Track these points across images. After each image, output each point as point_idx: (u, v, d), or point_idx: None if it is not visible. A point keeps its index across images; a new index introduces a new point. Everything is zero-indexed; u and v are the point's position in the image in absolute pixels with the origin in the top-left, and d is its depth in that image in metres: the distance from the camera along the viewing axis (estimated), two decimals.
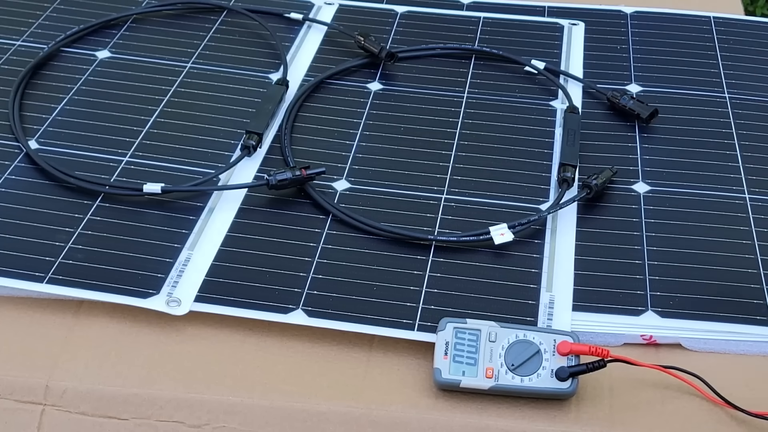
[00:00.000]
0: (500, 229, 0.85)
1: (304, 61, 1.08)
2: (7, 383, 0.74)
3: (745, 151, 0.96)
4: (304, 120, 0.99)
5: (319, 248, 0.84)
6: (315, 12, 1.16)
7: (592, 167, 0.92)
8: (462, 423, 0.72)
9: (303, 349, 0.77)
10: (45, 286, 0.79)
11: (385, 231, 0.85)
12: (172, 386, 0.74)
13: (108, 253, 0.83)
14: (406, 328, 0.77)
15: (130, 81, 1.03)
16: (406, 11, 1.17)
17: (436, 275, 0.82)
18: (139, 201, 0.88)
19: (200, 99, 1.01)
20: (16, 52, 1.07)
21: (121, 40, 1.10)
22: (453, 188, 0.91)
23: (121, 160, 0.93)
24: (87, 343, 0.77)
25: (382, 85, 1.05)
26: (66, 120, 0.97)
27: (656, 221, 0.87)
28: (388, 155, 0.95)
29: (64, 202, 0.88)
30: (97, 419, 0.73)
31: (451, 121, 0.99)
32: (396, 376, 0.75)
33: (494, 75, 1.07)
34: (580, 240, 0.86)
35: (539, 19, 1.16)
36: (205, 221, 0.86)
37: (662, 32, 1.14)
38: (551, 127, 0.99)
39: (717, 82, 1.06)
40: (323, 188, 0.90)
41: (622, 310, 0.79)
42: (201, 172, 0.91)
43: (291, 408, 0.73)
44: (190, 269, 0.81)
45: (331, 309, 0.78)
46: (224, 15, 1.15)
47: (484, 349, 0.73)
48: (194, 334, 0.78)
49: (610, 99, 1.01)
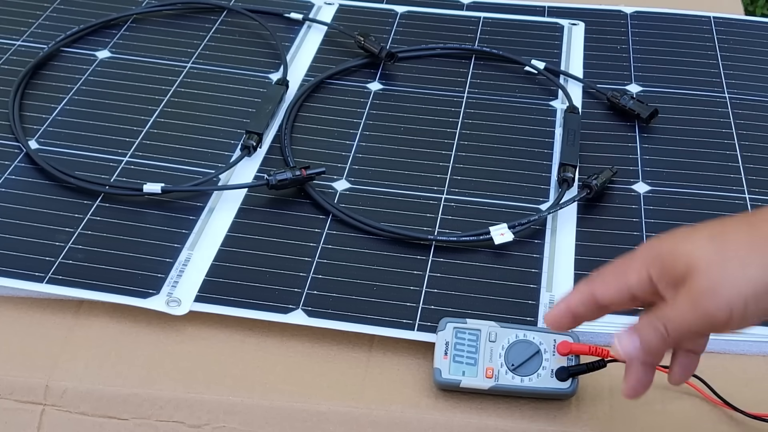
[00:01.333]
0: (500, 229, 0.85)
1: (304, 61, 1.08)
2: (7, 383, 0.74)
3: (745, 151, 0.96)
4: (304, 120, 0.99)
5: (319, 248, 0.84)
6: (315, 12, 1.16)
7: (592, 167, 0.92)
8: (462, 423, 0.72)
9: (303, 349, 0.77)
10: (45, 286, 0.79)
11: (385, 231, 0.85)
12: (172, 386, 0.74)
13: (108, 253, 0.83)
14: (406, 328, 0.77)
15: (130, 81, 1.03)
16: (406, 11, 1.17)
17: (436, 275, 0.82)
18: (139, 201, 0.88)
19: (200, 99, 1.01)
20: (16, 52, 1.07)
21: (121, 40, 1.10)
22: (453, 188, 0.91)
23: (121, 160, 0.93)
24: (87, 343, 0.77)
25: (382, 85, 1.05)
26: (66, 120, 0.97)
27: (656, 221, 0.87)
28: (388, 155, 0.95)
29: (64, 202, 0.88)
30: (97, 419, 0.73)
31: (451, 121, 0.99)
32: (396, 376, 0.75)
33: (494, 75, 1.07)
34: (580, 240, 0.86)
35: (539, 19, 1.16)
36: (205, 221, 0.86)
37: (662, 32, 1.14)
38: (551, 127, 0.99)
39: (717, 82, 1.06)
40: (323, 188, 0.90)
41: (622, 310, 0.79)
42: (201, 172, 0.91)
43: (291, 408, 0.73)
44: (190, 269, 0.81)
45: (331, 309, 0.78)
46: (224, 15, 1.15)
47: (484, 349, 0.73)
48: (194, 334, 0.78)
49: (610, 99, 1.01)
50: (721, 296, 0.56)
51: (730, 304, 0.56)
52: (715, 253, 0.57)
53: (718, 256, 0.57)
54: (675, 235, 0.60)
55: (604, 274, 0.62)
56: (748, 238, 0.57)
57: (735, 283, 0.56)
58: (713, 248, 0.58)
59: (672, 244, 0.59)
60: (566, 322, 0.64)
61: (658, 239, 0.61)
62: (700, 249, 0.58)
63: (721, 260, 0.57)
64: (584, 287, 0.62)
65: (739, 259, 0.56)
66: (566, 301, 0.63)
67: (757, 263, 0.56)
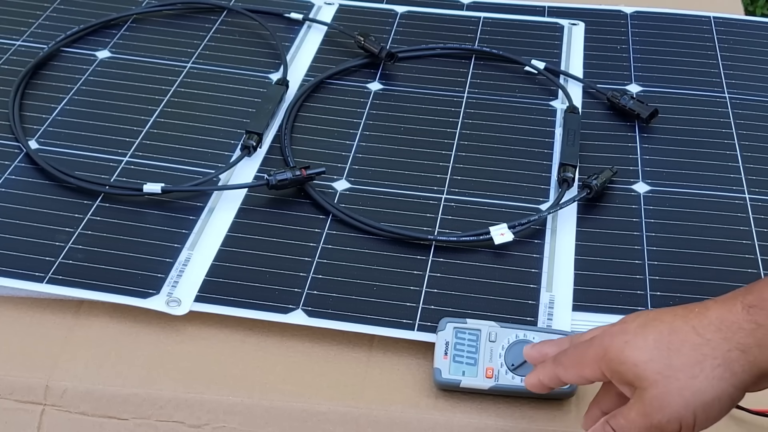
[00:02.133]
0: (500, 229, 0.85)
1: (304, 61, 1.08)
2: (7, 383, 0.74)
3: (745, 151, 0.96)
4: (304, 120, 0.99)
5: (319, 248, 0.84)
6: (315, 12, 1.16)
7: (592, 167, 0.92)
8: (462, 423, 0.72)
9: (303, 349, 0.77)
10: (45, 286, 0.79)
11: (385, 231, 0.85)
12: (172, 386, 0.74)
13: (108, 253, 0.83)
14: (406, 328, 0.77)
15: (130, 81, 1.03)
16: (406, 11, 1.17)
17: (436, 275, 0.82)
18: (139, 201, 0.88)
19: (200, 99, 1.01)
20: (16, 52, 1.07)
21: (121, 40, 1.10)
22: (453, 188, 0.91)
23: (121, 160, 0.93)
24: (87, 343, 0.77)
25: (382, 85, 1.05)
26: (66, 120, 0.97)
27: (656, 221, 0.87)
28: (388, 155, 0.95)
29: (64, 202, 0.88)
30: (97, 419, 0.73)
31: (451, 121, 0.99)
32: (396, 376, 0.75)
33: (494, 75, 1.07)
34: (580, 240, 0.86)
35: (539, 19, 1.16)
36: (205, 221, 0.86)
37: (662, 32, 1.14)
38: (551, 127, 0.99)
39: (717, 82, 1.06)
40: (323, 188, 0.90)
41: (622, 310, 0.79)
42: (201, 172, 0.91)
43: (291, 408, 0.73)
44: (190, 269, 0.81)
45: (331, 309, 0.78)
46: (224, 15, 1.15)
47: (484, 349, 0.73)
48: (194, 334, 0.78)
49: (610, 99, 1.01)
50: (670, 409, 0.58)
51: (679, 417, 0.58)
52: (663, 365, 0.59)
53: (666, 369, 0.59)
54: (623, 336, 0.61)
55: (563, 362, 0.64)
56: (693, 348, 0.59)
57: (683, 395, 0.58)
58: (660, 359, 0.59)
59: (619, 351, 0.60)
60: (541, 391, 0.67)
61: (609, 335, 0.62)
62: (647, 361, 0.59)
63: (669, 373, 0.58)
64: (550, 368, 0.65)
65: (686, 371, 0.58)
66: (537, 374, 0.66)
67: (704, 375, 0.58)
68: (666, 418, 0.58)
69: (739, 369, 0.58)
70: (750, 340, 0.58)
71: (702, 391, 0.58)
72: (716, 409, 0.58)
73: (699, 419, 0.58)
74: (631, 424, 0.60)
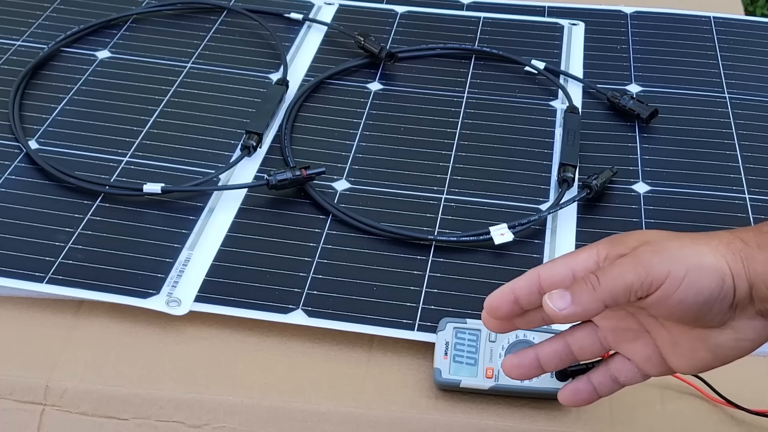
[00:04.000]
0: (500, 229, 0.85)
1: (304, 61, 1.08)
2: (7, 383, 0.74)
3: (745, 151, 0.96)
4: (304, 120, 0.99)
5: (319, 248, 0.84)
6: (315, 12, 1.16)
7: (592, 167, 0.92)
8: (462, 423, 0.72)
9: (303, 349, 0.77)
10: (45, 286, 0.79)
11: (385, 231, 0.85)
12: (172, 386, 0.74)
13: (108, 253, 0.83)
14: (406, 328, 0.77)
15: (130, 81, 1.03)
16: (406, 11, 1.17)
17: (436, 275, 0.82)
18: (139, 201, 0.88)
19: (200, 99, 1.01)
20: (16, 52, 1.07)
21: (121, 40, 1.10)
22: (453, 188, 0.91)
23: (121, 160, 0.93)
24: (87, 343, 0.77)
25: (382, 85, 1.05)
26: (66, 120, 0.97)
27: (656, 221, 0.87)
28: (388, 155, 0.95)
29: (64, 202, 0.88)
30: (97, 419, 0.73)
31: (451, 121, 0.99)
32: (396, 376, 0.75)
33: (494, 75, 1.07)
34: (580, 240, 0.86)
35: (539, 19, 1.16)
36: (205, 221, 0.86)
37: (662, 32, 1.14)
38: (551, 127, 0.99)
39: (717, 82, 1.06)
40: (323, 188, 0.90)
41: None
42: (201, 172, 0.91)
43: (291, 408, 0.73)
44: (190, 269, 0.81)
45: (331, 309, 0.78)
46: (224, 15, 1.15)
47: (484, 349, 0.73)
48: (194, 334, 0.78)
49: (610, 99, 1.01)
50: (663, 256, 0.55)
51: (670, 265, 0.55)
52: (671, 236, 0.58)
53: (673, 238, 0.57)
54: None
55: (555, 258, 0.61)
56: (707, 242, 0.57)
57: (682, 253, 0.56)
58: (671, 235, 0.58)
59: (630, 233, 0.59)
60: (506, 308, 0.60)
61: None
62: (657, 233, 0.58)
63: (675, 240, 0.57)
64: (532, 271, 0.60)
65: (693, 246, 0.56)
66: (511, 283, 0.60)
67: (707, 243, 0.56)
68: (657, 262, 0.55)
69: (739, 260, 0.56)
70: (750, 235, 0.57)
71: (702, 253, 0.55)
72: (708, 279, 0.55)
73: (689, 279, 0.55)
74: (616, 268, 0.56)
